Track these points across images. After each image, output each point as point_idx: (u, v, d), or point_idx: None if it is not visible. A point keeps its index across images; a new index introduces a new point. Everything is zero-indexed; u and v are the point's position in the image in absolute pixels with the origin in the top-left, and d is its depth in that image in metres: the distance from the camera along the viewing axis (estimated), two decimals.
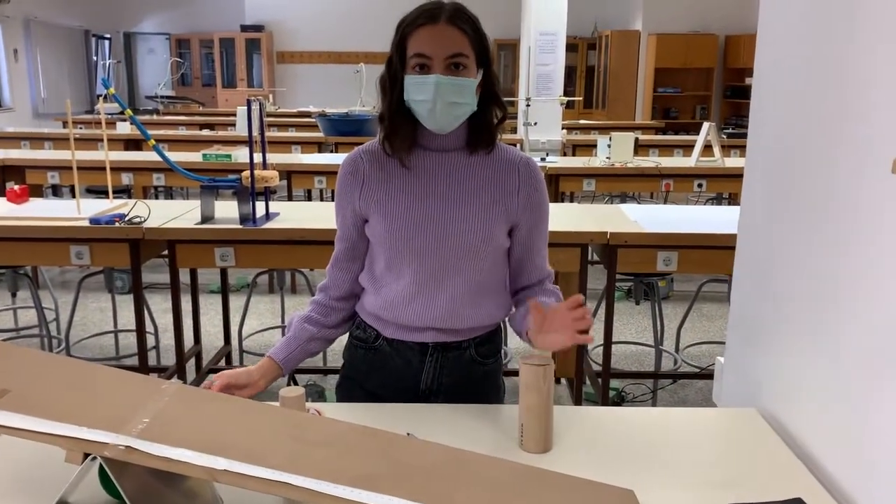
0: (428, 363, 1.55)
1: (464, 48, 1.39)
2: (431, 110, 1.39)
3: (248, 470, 0.95)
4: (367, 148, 1.53)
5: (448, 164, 1.49)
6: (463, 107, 1.42)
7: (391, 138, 1.47)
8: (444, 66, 1.38)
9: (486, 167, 1.51)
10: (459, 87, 1.39)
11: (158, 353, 3.92)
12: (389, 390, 1.57)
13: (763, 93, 1.60)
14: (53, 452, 1.00)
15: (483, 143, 1.50)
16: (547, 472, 1.17)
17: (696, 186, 5.10)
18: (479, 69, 1.44)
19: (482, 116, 1.48)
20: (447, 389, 1.57)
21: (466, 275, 1.49)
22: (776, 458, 1.34)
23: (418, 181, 1.48)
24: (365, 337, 1.59)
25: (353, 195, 1.51)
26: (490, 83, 1.47)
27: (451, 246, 1.47)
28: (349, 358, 1.64)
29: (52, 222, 2.92)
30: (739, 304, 1.71)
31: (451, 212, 1.47)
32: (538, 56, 6.78)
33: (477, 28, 1.42)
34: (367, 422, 1.24)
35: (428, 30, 1.39)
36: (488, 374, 1.61)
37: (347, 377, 1.65)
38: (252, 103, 2.77)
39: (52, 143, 6.83)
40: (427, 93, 1.38)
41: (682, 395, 3.70)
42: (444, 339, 1.54)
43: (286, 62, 12.54)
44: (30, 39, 10.90)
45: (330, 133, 6.62)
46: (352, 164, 1.52)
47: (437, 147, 1.49)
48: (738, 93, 11.41)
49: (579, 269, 2.97)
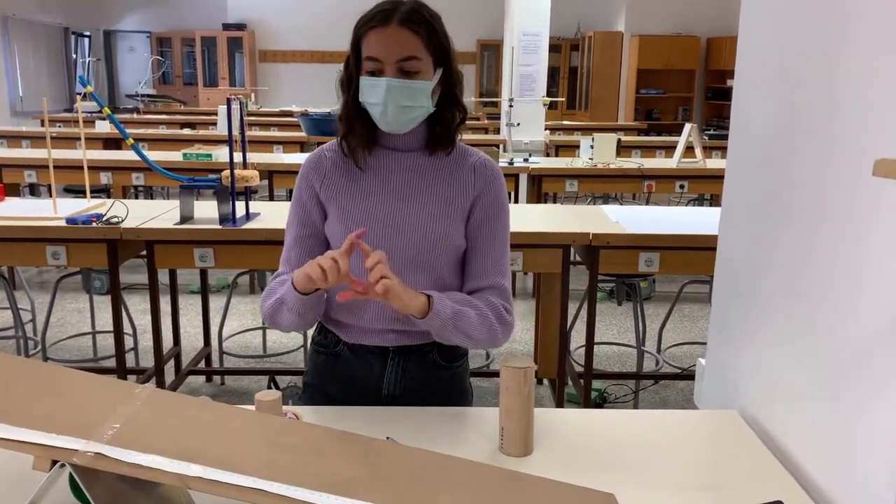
0: (389, 367, 1.53)
1: (416, 51, 1.37)
2: (383, 112, 1.39)
3: (222, 476, 0.93)
4: (331, 146, 1.53)
5: (406, 164, 1.48)
6: (416, 110, 1.41)
7: (347, 138, 1.47)
8: (395, 70, 1.37)
9: (445, 167, 1.49)
10: (411, 91, 1.38)
11: (137, 355, 3.88)
12: (352, 396, 1.54)
13: (744, 94, 1.61)
14: (23, 458, 0.97)
15: (441, 144, 1.48)
16: (527, 476, 1.16)
17: (677, 187, 5.12)
18: (436, 70, 1.42)
19: (441, 117, 1.46)
20: (411, 394, 1.54)
21: (424, 275, 1.47)
22: (757, 460, 1.34)
23: (377, 180, 1.48)
24: (326, 342, 1.57)
25: (315, 187, 1.50)
26: (450, 83, 1.45)
27: (408, 245, 1.45)
28: (311, 364, 1.62)
29: (27, 222, 2.87)
30: (720, 306, 1.71)
31: (408, 211, 1.46)
32: (521, 57, 6.78)
33: (433, 28, 1.39)
34: (345, 425, 1.22)
35: (379, 32, 1.37)
36: (453, 377, 1.59)
37: (310, 384, 1.63)
38: (232, 102, 2.74)
39: (30, 142, 6.74)
40: (378, 96, 1.37)
41: (664, 396, 3.71)
42: (405, 342, 1.51)
43: (268, 61, 12.46)
44: (8, 36, 10.75)
45: (312, 132, 6.59)
46: (316, 159, 1.52)
47: (396, 146, 1.48)
48: (719, 94, 11.48)
49: (561, 269, 2.97)
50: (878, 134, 1.09)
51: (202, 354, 3.85)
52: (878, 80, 1.09)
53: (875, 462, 1.08)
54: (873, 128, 1.11)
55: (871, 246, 1.10)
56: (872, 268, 1.10)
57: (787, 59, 1.40)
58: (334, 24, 11.87)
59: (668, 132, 10.38)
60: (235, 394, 3.69)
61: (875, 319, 1.09)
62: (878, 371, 1.08)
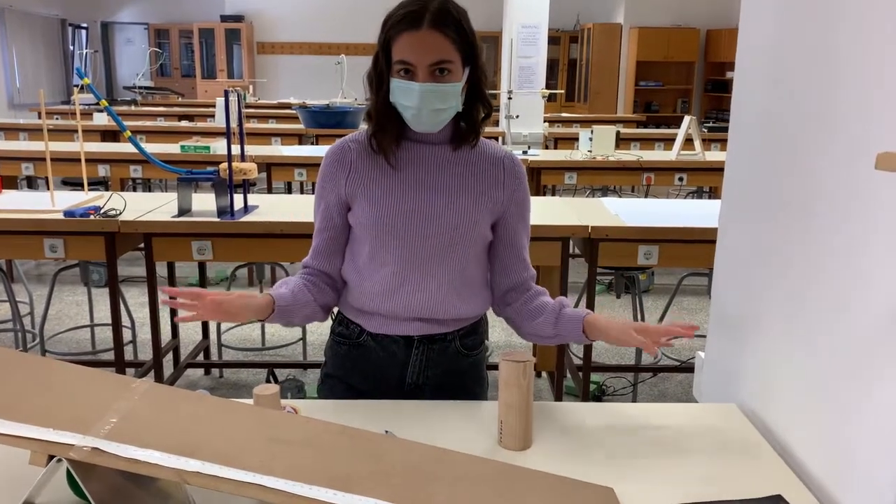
0: (414, 356, 1.55)
1: (448, 54, 1.38)
2: (416, 115, 1.41)
3: (220, 472, 0.93)
4: (356, 137, 1.54)
5: (434, 156, 1.50)
6: (448, 111, 1.43)
7: (378, 136, 1.48)
8: (427, 74, 1.38)
9: (471, 161, 1.52)
10: (444, 94, 1.39)
11: (135, 348, 3.87)
12: (374, 386, 1.56)
13: (744, 87, 1.60)
14: (20, 453, 0.97)
15: (467, 139, 1.50)
16: (526, 470, 1.15)
17: (676, 180, 5.11)
18: (465, 68, 1.43)
19: (467, 113, 1.48)
20: (433, 382, 1.57)
21: (451, 265, 1.50)
22: (756, 454, 1.34)
23: (405, 171, 1.49)
24: (348, 333, 1.58)
25: (338, 181, 1.50)
26: (476, 79, 1.46)
27: (436, 235, 1.48)
28: (332, 356, 1.63)
29: (25, 215, 2.86)
30: (720, 300, 1.71)
31: (437, 201, 1.48)
32: (520, 49, 6.76)
33: (462, 28, 1.40)
34: (345, 419, 1.22)
35: (411, 36, 1.37)
36: (473, 365, 1.62)
37: (331, 375, 1.63)
38: (230, 94, 2.73)
39: (28, 134, 6.72)
40: (412, 99, 1.39)
41: (663, 389, 3.71)
42: (428, 330, 1.53)
43: (267, 53, 12.42)
44: (4, 29, 10.70)
45: (310, 125, 6.56)
46: (339, 151, 1.53)
47: (422, 140, 1.50)
48: (718, 87, 11.46)
49: (560, 262, 2.97)
50: (879, 126, 1.09)
51: (200, 347, 3.85)
52: (880, 71, 1.09)
53: (875, 455, 1.08)
54: (875, 120, 1.10)
55: (872, 238, 1.10)
56: (873, 260, 1.09)
57: (787, 52, 1.39)
58: (333, 15, 11.85)
59: (666, 124, 10.35)
60: (234, 387, 3.69)
61: (875, 312, 1.08)
62: (878, 364, 1.08)
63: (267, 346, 4.13)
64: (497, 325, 4.24)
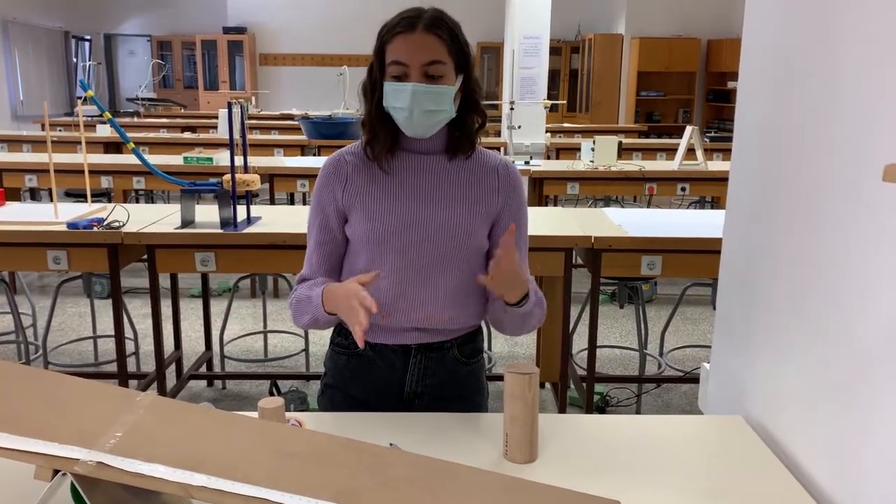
0: (412, 365, 1.55)
1: (441, 55, 1.40)
2: (408, 117, 1.42)
3: (226, 486, 0.92)
4: (351, 150, 1.55)
5: (429, 166, 1.51)
6: (440, 114, 1.44)
7: (372, 144, 1.49)
8: (420, 74, 1.40)
9: (467, 170, 1.53)
10: (436, 95, 1.41)
11: (138, 359, 3.87)
12: (374, 395, 1.57)
13: (748, 97, 1.60)
14: (25, 468, 0.96)
15: (462, 149, 1.52)
16: (532, 483, 1.15)
17: (679, 190, 5.12)
18: (458, 76, 1.45)
19: (461, 123, 1.49)
20: (431, 391, 1.57)
21: (449, 275, 1.51)
22: (763, 466, 1.33)
23: (400, 182, 1.50)
24: (347, 343, 1.58)
25: (335, 193, 1.51)
26: (470, 90, 1.48)
27: (433, 246, 1.48)
28: (331, 366, 1.63)
29: (28, 227, 2.87)
30: (725, 310, 1.70)
31: (433, 211, 1.49)
32: (522, 59, 6.78)
33: (456, 35, 1.43)
34: (350, 431, 1.21)
35: (405, 38, 1.40)
36: (472, 373, 1.62)
37: (330, 385, 1.63)
38: (232, 106, 2.74)
39: (31, 146, 6.74)
40: (404, 100, 1.40)
41: (667, 399, 3.70)
42: (426, 339, 1.54)
43: (269, 64, 12.46)
44: (8, 41, 10.75)
45: (313, 136, 6.57)
46: (335, 163, 1.54)
47: (417, 150, 1.51)
48: (720, 96, 11.47)
49: (563, 273, 2.96)
50: (884, 137, 1.09)
51: (203, 359, 3.84)
52: (883, 82, 1.09)
53: (885, 468, 1.07)
54: (879, 130, 1.10)
55: (879, 249, 1.09)
56: (879, 271, 1.09)
57: (791, 61, 1.39)
58: (335, 27, 11.89)
59: (668, 134, 10.38)
60: (237, 398, 3.68)
61: (883, 324, 1.08)
62: (886, 375, 1.07)
63: (270, 357, 4.12)
64: (499, 336, 4.24)
